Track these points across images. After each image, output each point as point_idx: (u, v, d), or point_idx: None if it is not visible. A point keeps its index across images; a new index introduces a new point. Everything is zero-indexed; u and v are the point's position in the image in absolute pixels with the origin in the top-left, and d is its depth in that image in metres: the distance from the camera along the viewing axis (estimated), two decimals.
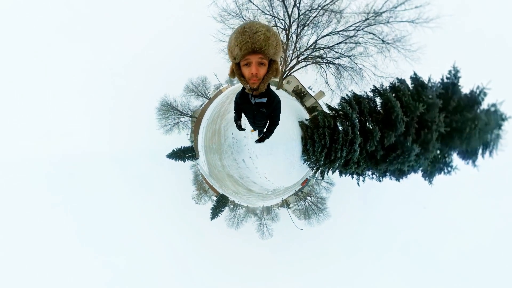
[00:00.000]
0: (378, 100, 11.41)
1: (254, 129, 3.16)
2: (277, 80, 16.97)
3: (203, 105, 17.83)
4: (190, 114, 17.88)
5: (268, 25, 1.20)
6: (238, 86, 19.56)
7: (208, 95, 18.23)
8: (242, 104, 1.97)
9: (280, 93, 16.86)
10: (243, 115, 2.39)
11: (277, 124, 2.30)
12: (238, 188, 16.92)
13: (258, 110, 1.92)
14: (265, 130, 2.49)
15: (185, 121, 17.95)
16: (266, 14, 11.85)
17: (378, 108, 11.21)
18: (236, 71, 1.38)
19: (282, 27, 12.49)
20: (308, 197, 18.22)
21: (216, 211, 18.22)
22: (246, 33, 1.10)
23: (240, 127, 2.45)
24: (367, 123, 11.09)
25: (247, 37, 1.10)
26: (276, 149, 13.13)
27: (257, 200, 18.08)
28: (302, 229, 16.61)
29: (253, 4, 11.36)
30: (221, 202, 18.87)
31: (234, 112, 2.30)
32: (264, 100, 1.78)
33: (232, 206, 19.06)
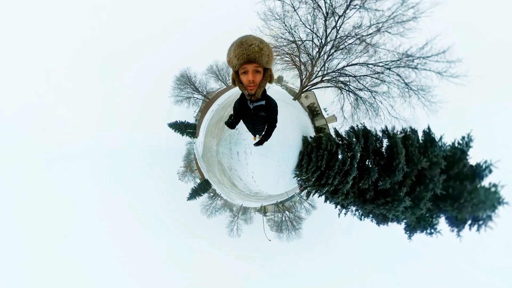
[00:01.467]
0: (385, 142, 11.17)
1: (254, 135, 3.14)
2: (285, 84, 16.83)
3: (219, 90, 17.79)
4: (204, 93, 17.83)
5: (261, 38, 1.33)
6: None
7: (228, 82, 18.21)
8: (241, 110, 2.03)
9: (295, 104, 16.74)
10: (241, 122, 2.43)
11: (275, 126, 2.34)
12: (224, 179, 16.69)
13: (257, 114, 1.98)
14: (263, 133, 2.55)
15: (197, 98, 17.88)
16: (306, 27, 11.80)
17: (383, 150, 10.95)
18: (236, 78, 1.53)
19: (318, 43, 12.44)
20: (287, 212, 17.82)
21: (195, 193, 17.96)
22: (242, 46, 1.24)
23: (232, 125, 2.37)
24: (368, 161, 10.82)
25: (244, 49, 1.24)
26: (272, 153, 12.93)
27: (237, 197, 17.78)
28: (270, 240, 16.22)
29: (297, 15, 11.32)
30: (203, 187, 18.60)
31: (232, 116, 2.31)
32: (263, 102, 1.86)
33: (212, 194, 18.76)
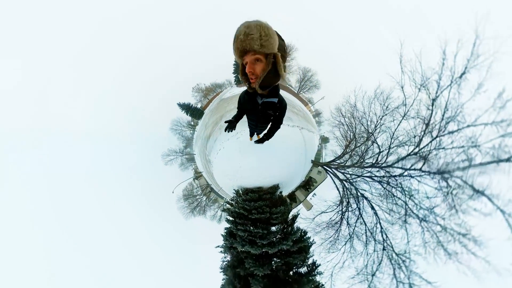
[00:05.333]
0: (302, 269, 9.69)
1: (252, 133, 2.84)
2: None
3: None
4: None
5: (253, 21, 1.08)
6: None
7: None
8: (247, 103, 1.79)
9: (307, 164, 15.08)
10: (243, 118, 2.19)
11: (279, 128, 2.11)
12: (209, 127, 16.16)
13: (264, 111, 1.72)
14: (265, 131, 2.27)
15: None
16: (390, 138, 9.57)
17: (291, 272, 9.51)
18: (241, 71, 1.38)
19: (379, 159, 10.38)
20: (205, 197, 17.25)
21: (185, 108, 17.74)
22: (236, 42, 1.13)
23: (231, 126, 1.96)
24: (274, 259, 9.50)
25: (237, 44, 1.13)
26: (246, 158, 11.91)
27: (199, 148, 17.35)
28: (172, 192, 15.98)
29: (399, 124, 9.03)
30: (196, 113, 18.30)
31: (237, 112, 2.00)
32: (275, 100, 1.63)
33: (192, 124, 18.51)
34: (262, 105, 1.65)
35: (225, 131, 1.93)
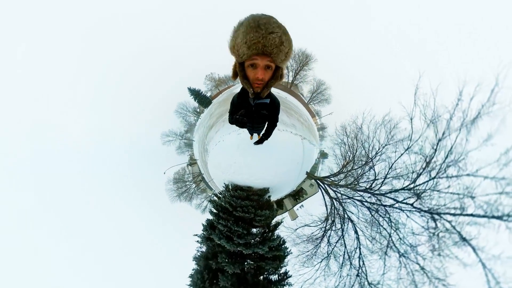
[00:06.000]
0: (273, 276, 9.61)
1: (251, 134, 2.92)
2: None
3: None
4: None
5: (285, 26, 0.99)
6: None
7: None
8: (240, 106, 1.73)
9: (301, 175, 14.98)
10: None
11: (276, 126, 2.11)
12: (214, 117, 16.15)
13: (258, 112, 1.72)
14: (263, 131, 2.29)
15: None
16: (388, 163, 9.26)
17: (262, 276, 9.45)
18: (240, 72, 1.22)
19: (374, 186, 10.18)
20: (194, 185, 17.24)
21: (195, 94, 17.72)
22: (259, 31, 0.92)
23: (239, 122, 1.78)
24: (248, 261, 9.44)
25: (260, 36, 0.92)
26: (244, 156, 11.87)
27: (199, 137, 17.34)
28: (164, 173, 15.99)
29: (395, 161, 8.71)
30: (204, 101, 18.30)
31: (229, 115, 1.94)
32: (267, 101, 1.61)
33: (198, 111, 18.54)
34: (255, 106, 1.65)
35: (234, 122, 1.79)
